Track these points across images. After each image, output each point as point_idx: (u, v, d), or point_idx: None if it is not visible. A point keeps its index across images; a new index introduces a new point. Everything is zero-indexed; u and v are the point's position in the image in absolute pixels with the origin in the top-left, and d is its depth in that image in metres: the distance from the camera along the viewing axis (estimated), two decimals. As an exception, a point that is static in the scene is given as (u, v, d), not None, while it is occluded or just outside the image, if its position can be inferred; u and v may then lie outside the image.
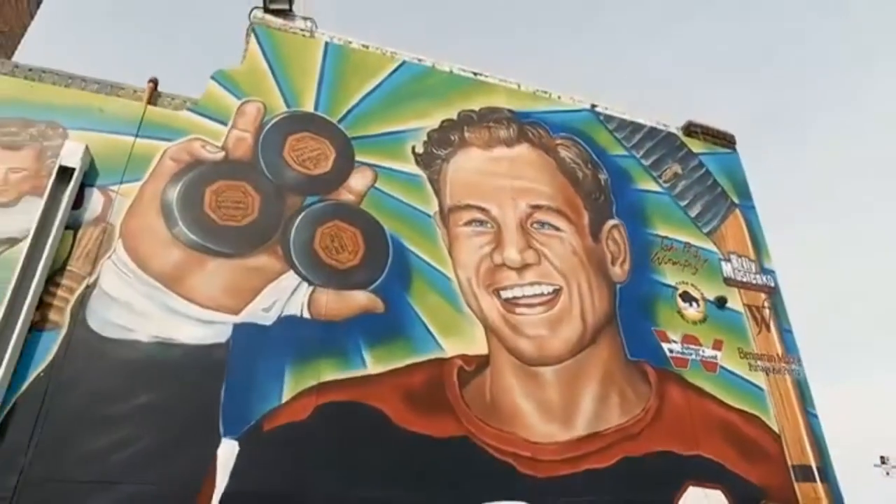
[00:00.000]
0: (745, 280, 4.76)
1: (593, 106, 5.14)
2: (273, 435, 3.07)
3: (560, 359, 3.85)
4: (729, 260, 4.81)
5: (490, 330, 3.80)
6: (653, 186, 4.87)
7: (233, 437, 3.00)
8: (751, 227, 5.10)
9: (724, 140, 5.53)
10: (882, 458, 33.13)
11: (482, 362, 3.69)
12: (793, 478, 4.03)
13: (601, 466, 3.60)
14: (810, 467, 4.13)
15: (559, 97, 5.07)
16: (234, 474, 2.92)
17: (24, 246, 2.99)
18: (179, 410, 2.98)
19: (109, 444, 2.83)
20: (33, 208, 3.13)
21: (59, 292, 3.04)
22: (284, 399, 3.16)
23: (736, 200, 5.18)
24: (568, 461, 3.57)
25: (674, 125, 5.48)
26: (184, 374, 3.06)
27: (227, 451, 2.96)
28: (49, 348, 2.91)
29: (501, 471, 3.43)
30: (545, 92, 5.04)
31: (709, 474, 3.79)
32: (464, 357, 3.66)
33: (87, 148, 3.31)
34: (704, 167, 5.20)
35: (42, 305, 2.96)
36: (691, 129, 5.41)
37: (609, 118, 5.07)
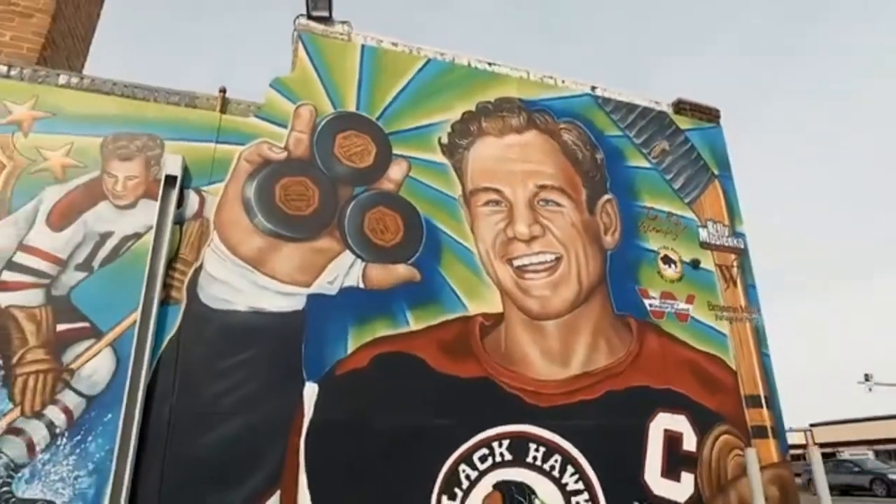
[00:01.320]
0: (718, 243, 5.62)
1: (593, 88, 5.83)
2: (342, 378, 4.07)
3: (560, 314, 4.79)
4: (706, 226, 5.65)
5: (504, 292, 4.72)
6: (643, 163, 5.64)
7: (313, 381, 4.00)
8: (727, 196, 5.90)
9: (710, 115, 6.23)
10: (866, 375, 34.83)
11: (498, 319, 4.64)
12: (744, 405, 5.05)
13: (590, 398, 4.61)
14: (759, 396, 5.15)
15: (563, 81, 5.75)
16: (316, 408, 3.94)
17: (149, 239, 3.90)
18: (272, 362, 3.97)
19: (224, 388, 3.84)
20: (149, 209, 3.99)
21: (176, 275, 3.96)
22: (349, 351, 4.13)
23: (716, 171, 5.95)
24: (564, 394, 4.58)
25: (666, 102, 6.19)
26: (273, 335, 4.02)
27: (310, 391, 3.97)
28: (175, 318, 3.86)
29: (512, 402, 4.44)
30: (551, 77, 5.72)
31: (676, 403, 4.82)
32: (484, 315, 4.60)
33: (183, 158, 4.13)
34: (689, 142, 5.93)
35: (166, 286, 3.89)
36: (680, 107, 6.11)
37: (606, 101, 5.76)
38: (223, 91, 4.57)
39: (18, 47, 4.45)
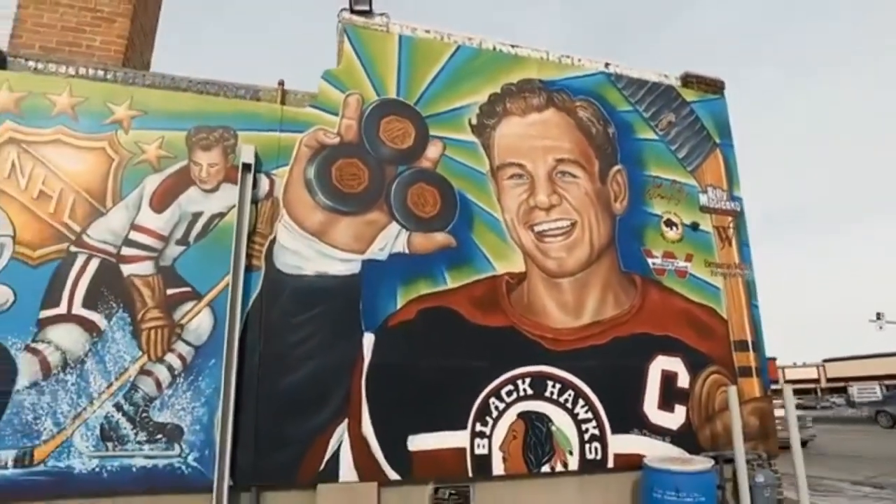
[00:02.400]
0: (716, 207, 6.30)
1: (606, 65, 6.40)
2: (394, 329, 4.93)
3: (574, 273, 5.58)
4: (706, 192, 6.31)
5: (526, 255, 5.50)
6: (650, 135, 6.27)
7: (370, 332, 4.87)
8: (727, 163, 6.53)
9: (714, 86, 6.78)
10: (878, 314, 35.50)
11: (521, 277, 5.44)
12: (732, 349, 5.88)
13: (599, 343, 5.46)
14: (746, 342, 5.96)
15: (579, 60, 6.32)
16: (373, 353, 4.83)
17: (232, 217, 4.71)
18: (336, 317, 4.83)
19: (299, 338, 4.72)
20: (229, 192, 4.79)
21: (256, 246, 4.79)
22: (398, 307, 4.98)
23: (717, 140, 6.56)
24: (577, 340, 5.42)
25: (674, 75, 6.73)
26: (336, 295, 4.86)
27: (368, 340, 4.85)
28: (257, 282, 4.72)
29: (533, 347, 5.29)
30: (568, 57, 6.29)
31: (673, 348, 5.66)
32: (509, 274, 5.40)
33: (255, 148, 4.88)
34: (694, 114, 6.52)
35: (248, 256, 4.73)
36: (687, 80, 6.66)
37: (619, 77, 6.34)
38: (282, 84, 5.26)
39: (107, 50, 5.15)
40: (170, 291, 4.52)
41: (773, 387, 5.83)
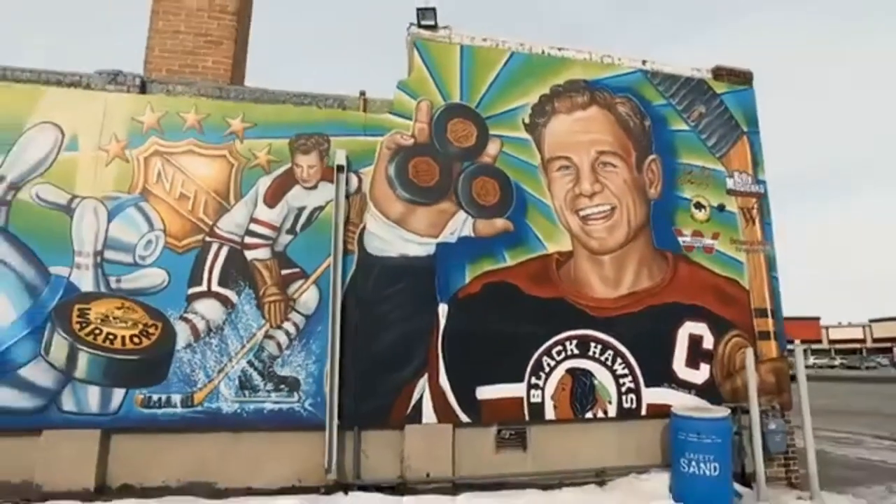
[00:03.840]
0: (742, 190, 7.06)
1: (643, 62, 7.13)
2: (463, 300, 5.94)
3: (613, 251, 6.47)
4: (732, 176, 7.07)
5: (573, 236, 6.40)
6: (682, 126, 7.02)
7: (444, 302, 5.89)
8: (753, 149, 7.23)
9: (743, 77, 7.43)
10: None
11: (569, 255, 6.36)
12: (752, 316, 6.75)
13: (635, 310, 6.38)
14: (766, 309, 6.80)
15: (619, 59, 7.06)
16: (447, 320, 5.86)
17: (331, 210, 5.74)
18: (416, 291, 5.85)
19: (387, 309, 5.76)
20: (326, 189, 5.79)
21: (350, 234, 5.81)
22: (467, 281, 5.97)
23: (745, 129, 7.25)
24: (616, 308, 6.35)
25: (705, 69, 7.41)
26: (416, 272, 5.87)
27: (443, 309, 5.88)
28: (352, 263, 5.77)
29: (580, 314, 6.24)
30: (609, 57, 7.03)
31: (699, 315, 6.55)
32: (559, 252, 6.33)
33: (346, 152, 5.87)
34: (724, 105, 7.20)
35: (345, 242, 5.77)
36: (718, 73, 7.34)
37: (654, 74, 7.07)
38: (363, 94, 6.20)
39: (217, 69, 6.15)
40: (284, 272, 5.61)
41: (789, 347, 6.67)
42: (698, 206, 6.85)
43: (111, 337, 5.18)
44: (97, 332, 5.16)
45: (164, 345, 5.26)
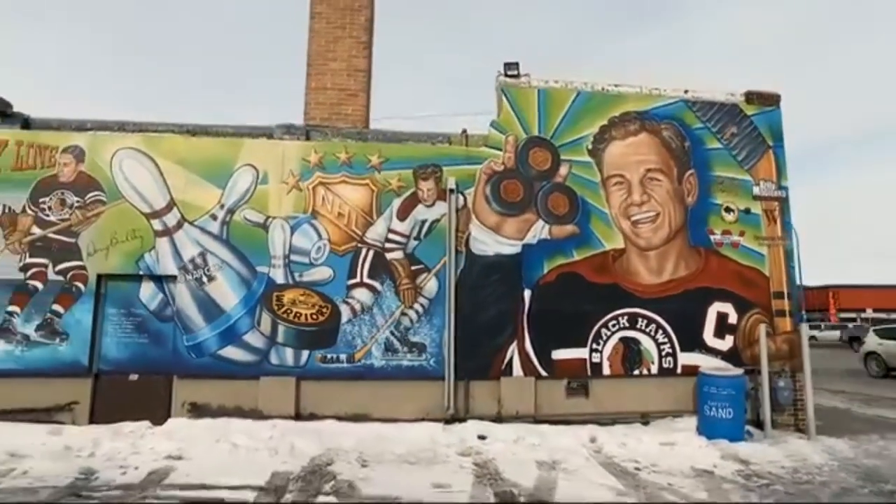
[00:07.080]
0: (766, 195, 8.71)
1: (685, 91, 8.81)
2: (543, 286, 7.98)
3: (657, 248, 8.33)
4: (758, 184, 8.72)
5: (625, 237, 8.30)
6: (716, 145, 8.69)
7: (528, 288, 7.94)
8: (777, 161, 8.80)
9: (771, 100, 8.98)
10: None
11: (622, 251, 8.26)
12: (771, 297, 8.51)
13: (674, 293, 8.25)
14: (783, 292, 8.53)
15: (664, 90, 8.77)
16: (530, 301, 7.94)
17: (445, 222, 7.85)
18: (507, 280, 7.94)
19: (486, 294, 7.88)
20: (441, 206, 7.89)
21: (459, 239, 7.91)
22: (545, 272, 8.02)
23: (771, 144, 8.84)
24: (659, 291, 8.24)
25: (739, 93, 9.00)
26: (507, 266, 7.94)
27: (528, 294, 7.95)
28: (461, 261, 7.88)
29: (630, 296, 8.17)
30: (657, 89, 8.75)
31: (725, 297, 8.36)
32: (614, 250, 8.25)
33: (454, 178, 7.93)
34: (753, 124, 8.81)
35: (455, 245, 7.88)
36: (749, 97, 8.92)
37: (694, 102, 8.75)
38: (464, 131, 8.22)
39: (355, 116, 8.29)
40: (413, 268, 7.80)
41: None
42: (728, 210, 8.59)
43: (298, 315, 7.54)
44: (289, 311, 7.52)
45: (333, 320, 7.58)
